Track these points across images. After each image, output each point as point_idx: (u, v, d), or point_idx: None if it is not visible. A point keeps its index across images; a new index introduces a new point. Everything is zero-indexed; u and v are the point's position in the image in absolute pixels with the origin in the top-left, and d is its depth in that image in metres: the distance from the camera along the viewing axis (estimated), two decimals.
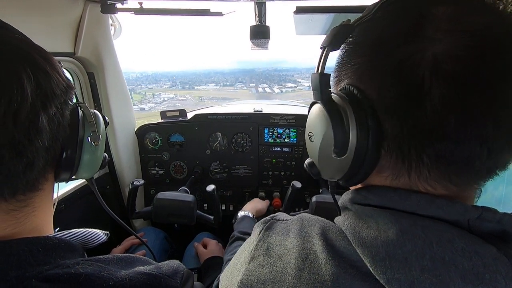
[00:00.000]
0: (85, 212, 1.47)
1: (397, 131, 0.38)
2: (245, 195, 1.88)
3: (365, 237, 0.39)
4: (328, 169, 0.47)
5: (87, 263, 0.46)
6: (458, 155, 0.35)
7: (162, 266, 0.53)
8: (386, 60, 0.38)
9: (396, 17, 0.39)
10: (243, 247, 0.57)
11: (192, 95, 29.23)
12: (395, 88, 0.37)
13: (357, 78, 0.42)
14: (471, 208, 0.37)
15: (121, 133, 1.65)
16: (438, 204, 0.38)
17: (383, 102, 0.38)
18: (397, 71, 0.36)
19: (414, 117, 0.36)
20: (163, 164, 1.85)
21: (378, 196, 0.42)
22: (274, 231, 0.52)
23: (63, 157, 0.51)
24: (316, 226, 0.48)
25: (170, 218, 1.35)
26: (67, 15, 1.21)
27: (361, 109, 0.40)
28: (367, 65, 0.40)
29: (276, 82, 38.88)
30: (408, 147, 0.37)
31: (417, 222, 0.37)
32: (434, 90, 0.34)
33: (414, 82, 0.35)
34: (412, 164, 0.38)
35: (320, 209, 1.24)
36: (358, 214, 0.43)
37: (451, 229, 0.36)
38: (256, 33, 1.28)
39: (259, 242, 0.51)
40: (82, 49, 1.30)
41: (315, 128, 0.46)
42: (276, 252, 0.47)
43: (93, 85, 1.48)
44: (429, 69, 0.34)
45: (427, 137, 0.36)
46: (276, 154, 1.82)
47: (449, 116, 0.34)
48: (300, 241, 0.46)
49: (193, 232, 1.65)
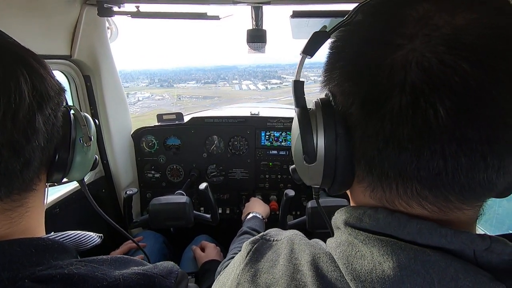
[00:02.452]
0: (81, 216, 1.46)
1: (361, 140, 0.37)
2: (242, 198, 1.87)
3: (359, 269, 0.36)
4: (304, 175, 0.47)
5: (81, 263, 0.46)
6: (420, 170, 0.33)
7: (156, 266, 0.53)
8: (354, 66, 0.37)
9: (372, 20, 0.38)
10: (232, 265, 0.54)
11: (171, 93, 27.75)
12: (359, 95, 0.36)
13: (336, 84, 0.40)
14: (478, 238, 0.33)
15: (117, 136, 1.64)
16: (442, 233, 0.34)
17: (350, 109, 0.37)
18: (361, 77, 0.36)
19: (373, 126, 0.34)
20: (159, 167, 1.84)
21: (374, 219, 0.38)
22: (263, 255, 0.49)
23: (57, 157, 0.53)
24: (306, 253, 0.44)
25: (167, 222, 1.34)
26: (63, 18, 1.20)
27: (331, 116, 0.39)
28: (343, 71, 0.39)
29: (260, 78, 37.64)
30: (371, 158, 0.36)
31: (417, 256, 0.33)
32: (392, 99, 0.32)
33: (374, 90, 0.34)
34: (381, 177, 0.36)
35: (316, 214, 1.24)
36: (350, 240, 0.40)
37: (455, 264, 0.32)
38: (253, 37, 1.29)
39: (246, 266, 0.48)
40: (78, 52, 1.30)
41: (292, 134, 0.47)
42: (264, 281, 0.44)
43: (89, 88, 1.47)
44: (387, 77, 0.32)
45: (385, 148, 0.34)
46: (272, 158, 1.82)
47: (406, 128, 0.32)
48: (289, 269, 0.43)
49: (192, 235, 1.64)
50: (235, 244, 1.08)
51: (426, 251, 0.33)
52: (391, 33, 0.34)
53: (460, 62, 0.29)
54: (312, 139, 0.41)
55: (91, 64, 1.40)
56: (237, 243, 1.08)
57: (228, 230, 1.50)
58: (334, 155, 0.40)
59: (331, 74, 0.41)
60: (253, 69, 41.02)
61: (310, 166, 0.42)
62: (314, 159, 0.41)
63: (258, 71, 35.86)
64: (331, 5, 1.16)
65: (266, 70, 37.93)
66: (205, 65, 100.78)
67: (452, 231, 0.33)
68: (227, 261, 0.82)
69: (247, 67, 39.71)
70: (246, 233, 1.15)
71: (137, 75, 36.72)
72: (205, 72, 45.95)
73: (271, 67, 39.26)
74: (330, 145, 0.40)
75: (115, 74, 1.57)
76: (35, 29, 1.08)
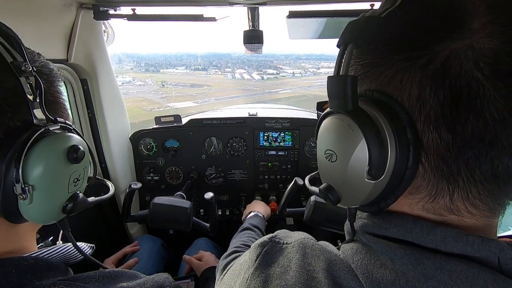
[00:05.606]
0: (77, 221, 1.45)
1: (444, 144, 0.31)
2: (242, 199, 1.87)
3: (380, 279, 0.34)
4: (356, 194, 0.37)
5: (64, 283, 0.43)
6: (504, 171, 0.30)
7: (146, 282, 0.50)
8: (423, 59, 0.31)
9: (432, 5, 0.32)
10: (240, 267, 0.52)
11: (155, 79, 25.26)
12: (440, 93, 0.30)
13: (382, 82, 0.35)
14: (507, 246, 0.31)
15: (115, 139, 1.63)
16: (468, 241, 0.32)
17: (423, 111, 0.32)
18: (440, 72, 0.30)
19: (468, 127, 0.29)
20: (158, 170, 1.83)
21: (396, 226, 0.35)
22: (274, 259, 0.46)
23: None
24: (321, 259, 0.42)
25: (165, 224, 1.34)
26: (59, 21, 1.20)
27: (398, 120, 0.33)
28: (397, 66, 0.33)
29: (254, 67, 35.77)
30: (457, 163, 0.31)
31: (443, 265, 0.31)
32: (492, 93, 0.28)
33: (464, 85, 0.29)
34: (459, 182, 0.32)
35: (319, 209, 1.24)
36: (369, 247, 0.37)
37: (482, 273, 0.31)
38: (250, 38, 1.29)
39: (256, 270, 0.46)
40: (75, 55, 1.29)
41: (338, 146, 0.37)
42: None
43: (86, 91, 1.47)
44: (482, 69, 0.28)
45: (486, 150, 0.30)
46: (271, 158, 1.82)
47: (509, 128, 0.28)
48: (303, 276, 0.41)
49: (190, 238, 1.64)
50: (236, 239, 1.07)
51: (452, 260, 0.32)
52: (462, 19, 0.30)
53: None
54: (383, 150, 0.33)
55: (88, 67, 1.39)
56: (238, 238, 1.07)
57: (227, 232, 1.50)
58: (405, 166, 0.33)
59: (375, 69, 0.35)
60: (248, 57, 39.05)
61: (374, 183, 0.34)
62: (382, 173, 0.34)
63: (253, 60, 33.97)
64: (327, 5, 1.16)
65: (261, 59, 35.97)
66: (198, 52, 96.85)
67: (480, 239, 0.32)
68: (230, 256, 0.81)
69: (241, 56, 37.63)
70: (247, 229, 1.15)
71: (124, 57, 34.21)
72: (196, 58, 43.06)
73: (266, 56, 37.39)
74: (402, 155, 0.33)
75: (112, 77, 1.56)
76: (31, 33, 1.07)
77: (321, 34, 1.38)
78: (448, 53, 0.30)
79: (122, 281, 0.49)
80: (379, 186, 0.35)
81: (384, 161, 0.33)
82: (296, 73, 31.19)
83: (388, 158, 0.33)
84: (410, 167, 0.33)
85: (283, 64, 37.49)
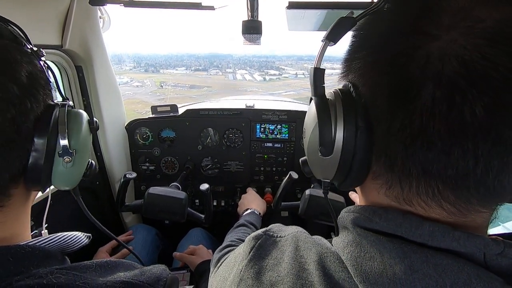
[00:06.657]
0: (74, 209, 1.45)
1: (384, 134, 0.35)
2: (237, 190, 1.88)
3: (368, 271, 0.35)
4: (317, 168, 0.45)
5: (62, 272, 0.43)
6: (447, 169, 0.31)
7: (143, 273, 0.50)
8: (380, 56, 0.35)
9: (400, 9, 0.35)
10: (234, 259, 0.53)
11: (153, 79, 24.94)
12: (386, 86, 0.34)
13: (358, 74, 0.39)
14: (492, 243, 0.33)
15: (111, 128, 1.62)
16: (455, 236, 0.33)
17: (375, 102, 0.36)
18: (388, 68, 0.33)
19: (400, 119, 0.32)
20: (154, 159, 1.83)
21: (385, 220, 0.37)
22: (267, 252, 0.49)
23: (28, 167, 0.46)
24: (312, 251, 0.44)
25: (160, 215, 1.34)
26: (54, 6, 1.17)
27: (352, 107, 0.38)
28: (366, 61, 0.37)
29: (256, 68, 35.41)
30: (394, 154, 0.34)
31: (429, 259, 0.33)
32: (425, 91, 0.30)
33: (404, 81, 0.32)
34: (401, 174, 0.35)
35: (314, 203, 1.25)
36: (359, 241, 0.39)
37: (467, 267, 0.32)
38: (249, 28, 1.27)
39: (249, 262, 0.48)
40: (70, 41, 1.26)
41: (307, 124, 0.45)
42: (268, 279, 0.44)
43: (81, 79, 1.44)
44: (421, 68, 0.30)
45: (412, 144, 0.32)
46: (268, 150, 1.82)
47: (437, 123, 0.30)
48: (295, 268, 0.43)
49: (185, 228, 1.65)
50: (232, 234, 1.08)
51: (438, 254, 0.33)
52: (425, 22, 0.32)
53: (501, 57, 0.28)
54: (331, 131, 0.39)
55: (83, 54, 1.37)
56: (233, 233, 1.08)
57: (223, 222, 1.51)
58: (353, 149, 0.38)
59: (352, 64, 0.39)
60: (249, 58, 38.48)
61: (325, 159, 0.41)
62: (330, 151, 0.39)
63: (254, 60, 33.47)
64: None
65: (262, 60, 35.65)
66: (199, 52, 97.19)
67: (465, 235, 0.33)
68: (225, 249, 0.82)
69: (242, 56, 37.19)
70: (243, 226, 1.16)
71: (124, 58, 33.62)
72: (197, 58, 42.79)
73: (267, 57, 36.97)
74: (349, 138, 0.38)
75: (108, 65, 1.54)
76: (25, 18, 1.05)
77: (320, 26, 1.36)
78: (396, 51, 0.33)
79: (120, 271, 0.49)
80: (332, 163, 0.40)
81: (331, 141, 0.39)
82: (299, 74, 30.61)
83: (335, 139, 0.39)
84: (358, 150, 0.38)
85: (285, 65, 36.95)
